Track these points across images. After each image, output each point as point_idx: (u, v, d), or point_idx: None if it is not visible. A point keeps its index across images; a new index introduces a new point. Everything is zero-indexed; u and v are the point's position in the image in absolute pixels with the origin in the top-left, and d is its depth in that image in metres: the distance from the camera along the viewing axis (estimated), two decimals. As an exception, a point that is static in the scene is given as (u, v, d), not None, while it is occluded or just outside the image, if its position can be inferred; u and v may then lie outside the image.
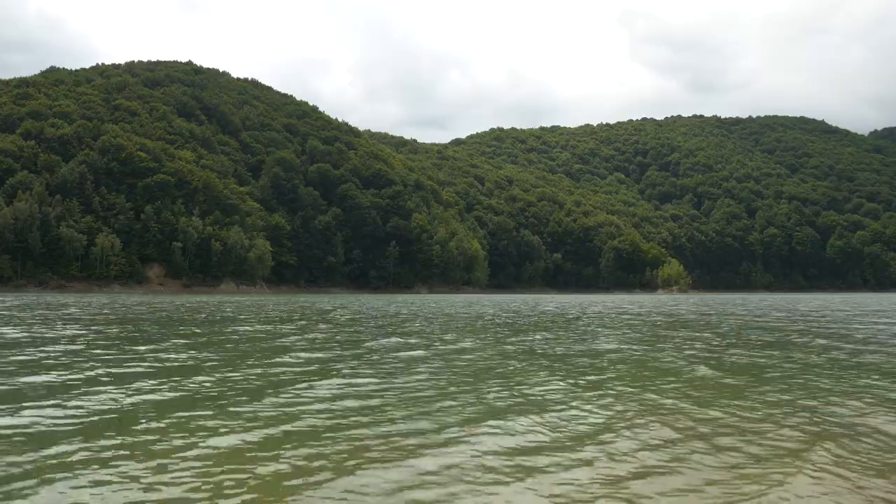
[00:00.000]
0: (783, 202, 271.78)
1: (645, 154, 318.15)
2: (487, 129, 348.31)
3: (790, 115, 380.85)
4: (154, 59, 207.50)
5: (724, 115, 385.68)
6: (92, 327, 21.10)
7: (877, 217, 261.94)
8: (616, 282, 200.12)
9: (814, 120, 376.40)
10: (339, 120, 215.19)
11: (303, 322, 25.91)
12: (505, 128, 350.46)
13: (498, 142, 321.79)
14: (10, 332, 18.22)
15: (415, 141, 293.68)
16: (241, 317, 29.85)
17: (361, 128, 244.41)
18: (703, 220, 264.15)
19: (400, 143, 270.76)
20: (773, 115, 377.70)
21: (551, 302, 67.57)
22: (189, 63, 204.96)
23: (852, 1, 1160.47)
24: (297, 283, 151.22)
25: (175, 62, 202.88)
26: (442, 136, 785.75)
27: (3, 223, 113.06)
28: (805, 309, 45.22)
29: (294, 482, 4.93)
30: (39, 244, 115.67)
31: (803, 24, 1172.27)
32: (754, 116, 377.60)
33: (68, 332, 18.53)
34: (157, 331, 19.97)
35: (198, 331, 20.28)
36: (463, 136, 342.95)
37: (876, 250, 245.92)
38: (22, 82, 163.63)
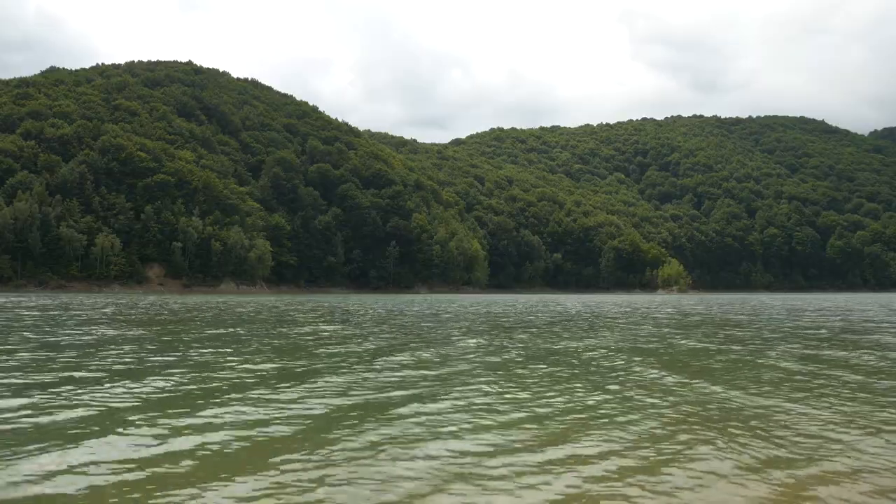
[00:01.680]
0: (783, 202, 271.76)
1: (645, 154, 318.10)
2: (487, 129, 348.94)
3: (790, 115, 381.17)
4: (154, 59, 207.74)
5: (724, 115, 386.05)
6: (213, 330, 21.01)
7: (877, 217, 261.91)
8: (616, 282, 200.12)
9: (814, 120, 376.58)
10: (339, 120, 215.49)
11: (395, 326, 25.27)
12: (505, 128, 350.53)
13: (498, 142, 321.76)
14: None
15: (415, 141, 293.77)
16: (297, 317, 29.59)
17: (361, 128, 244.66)
18: (703, 220, 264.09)
19: (400, 143, 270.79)
20: (773, 115, 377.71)
21: (581, 303, 66.50)
22: (189, 63, 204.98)
23: (852, 1, 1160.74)
24: (296, 283, 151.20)
25: (175, 62, 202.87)
26: (442, 136, 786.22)
27: (3, 223, 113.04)
28: None
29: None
30: (39, 244, 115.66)
31: (803, 23, 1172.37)
32: (754, 116, 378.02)
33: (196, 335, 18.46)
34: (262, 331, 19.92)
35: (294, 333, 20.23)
36: (463, 136, 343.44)
37: (876, 250, 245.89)
38: (22, 82, 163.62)
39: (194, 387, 8.97)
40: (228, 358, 12.39)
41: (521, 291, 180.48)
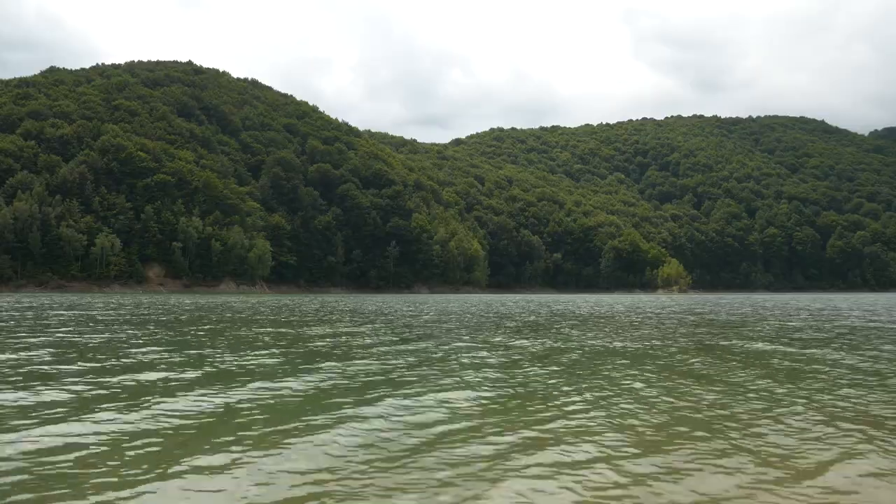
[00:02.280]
0: (783, 202, 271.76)
1: (645, 154, 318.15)
2: (488, 128, 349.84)
3: (791, 114, 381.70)
4: (154, 59, 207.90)
5: (727, 114, 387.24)
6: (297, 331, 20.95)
7: (877, 217, 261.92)
8: (616, 282, 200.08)
9: (814, 120, 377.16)
10: (340, 119, 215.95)
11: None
12: (505, 128, 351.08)
13: (498, 142, 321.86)
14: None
15: (415, 141, 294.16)
16: (322, 317, 29.21)
17: (363, 127, 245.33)
18: (703, 220, 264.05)
19: (400, 143, 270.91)
20: (773, 115, 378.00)
21: (587, 302, 65.77)
22: (189, 63, 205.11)
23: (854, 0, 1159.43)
24: (296, 283, 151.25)
25: (175, 62, 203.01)
26: (444, 135, 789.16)
27: (3, 223, 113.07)
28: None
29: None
30: (39, 244, 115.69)
31: (808, 22, 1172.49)
32: (754, 116, 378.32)
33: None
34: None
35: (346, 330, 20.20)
36: (465, 135, 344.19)
37: (876, 250, 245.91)
38: (22, 82, 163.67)
39: (298, 390, 8.55)
40: (290, 363, 11.72)
41: (521, 291, 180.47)
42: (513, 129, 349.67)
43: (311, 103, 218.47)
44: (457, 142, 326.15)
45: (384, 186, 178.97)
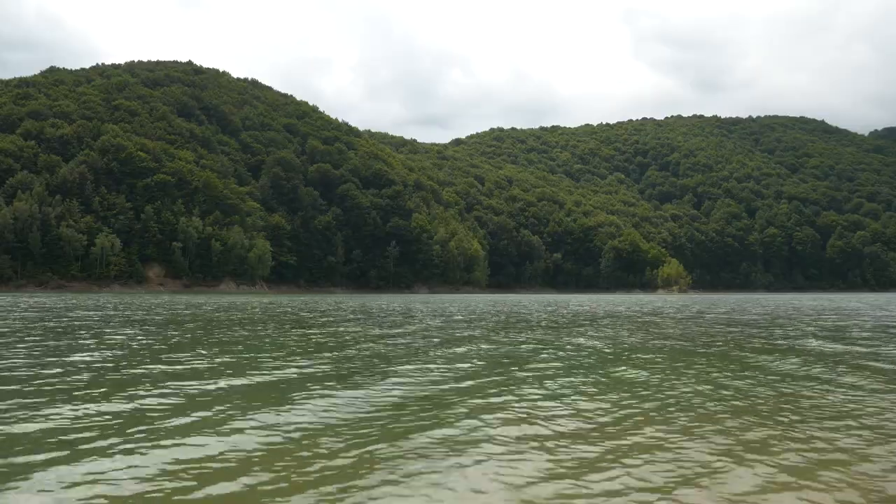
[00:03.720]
0: (783, 202, 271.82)
1: (645, 154, 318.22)
2: (488, 128, 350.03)
3: (791, 114, 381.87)
4: (154, 59, 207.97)
5: (727, 114, 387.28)
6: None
7: (877, 217, 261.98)
8: (616, 282, 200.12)
9: (814, 120, 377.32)
10: (340, 119, 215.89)
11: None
12: (505, 128, 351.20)
13: (498, 142, 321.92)
14: None
15: (415, 141, 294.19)
16: (345, 317, 28.88)
17: (363, 127, 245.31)
18: (703, 220, 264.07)
19: (400, 143, 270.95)
20: (773, 115, 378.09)
21: (593, 302, 65.23)
22: (189, 63, 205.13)
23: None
24: (296, 283, 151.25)
25: (175, 62, 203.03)
26: (444, 135, 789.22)
27: (3, 223, 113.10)
28: None
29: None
30: (39, 244, 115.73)
31: (808, 22, 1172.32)
32: (754, 116, 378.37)
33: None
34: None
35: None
36: (465, 135, 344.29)
37: (876, 250, 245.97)
38: (22, 82, 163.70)
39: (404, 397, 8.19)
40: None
41: (521, 291, 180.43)
42: (513, 129, 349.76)
43: (311, 103, 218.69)
44: (457, 142, 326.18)
45: (384, 186, 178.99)
